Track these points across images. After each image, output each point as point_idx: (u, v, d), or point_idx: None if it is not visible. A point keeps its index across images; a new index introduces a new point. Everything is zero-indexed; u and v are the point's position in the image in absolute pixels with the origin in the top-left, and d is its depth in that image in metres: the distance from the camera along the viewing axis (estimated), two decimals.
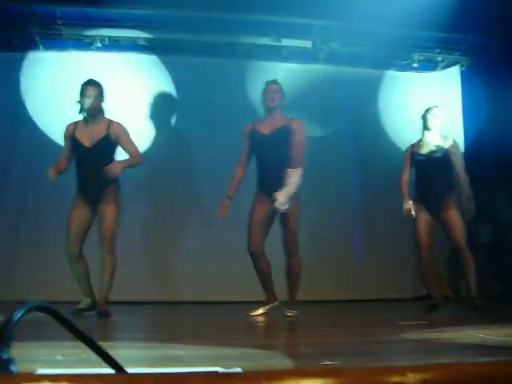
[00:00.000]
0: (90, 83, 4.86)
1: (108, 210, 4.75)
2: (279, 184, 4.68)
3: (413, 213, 5.33)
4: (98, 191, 4.76)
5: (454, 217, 5.36)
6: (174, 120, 6.91)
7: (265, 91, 5.03)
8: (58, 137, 5.33)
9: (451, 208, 5.37)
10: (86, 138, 4.81)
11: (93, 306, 4.81)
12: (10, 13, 6.38)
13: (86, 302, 4.83)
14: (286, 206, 4.70)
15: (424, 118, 5.51)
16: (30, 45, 6.67)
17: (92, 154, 4.77)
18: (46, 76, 6.66)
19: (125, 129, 4.91)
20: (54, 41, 6.72)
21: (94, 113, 4.84)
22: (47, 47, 6.75)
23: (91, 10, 6.49)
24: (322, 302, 6.49)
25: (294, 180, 4.73)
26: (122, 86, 6.68)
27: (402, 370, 0.68)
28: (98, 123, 4.86)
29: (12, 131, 6.52)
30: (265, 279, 4.99)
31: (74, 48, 6.79)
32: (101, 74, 6.64)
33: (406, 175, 5.57)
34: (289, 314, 4.86)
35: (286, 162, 4.77)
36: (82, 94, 4.83)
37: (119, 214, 4.82)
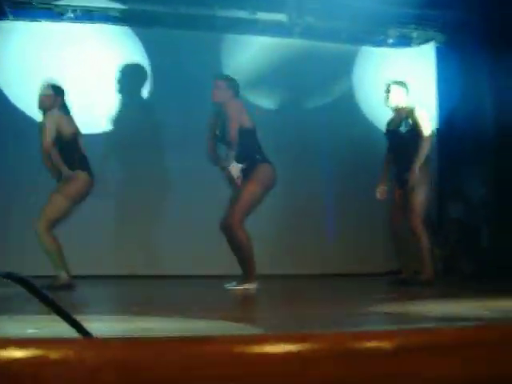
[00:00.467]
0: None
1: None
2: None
3: (379, 196, 5.39)
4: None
5: (414, 196, 5.35)
6: (146, 93, 6.82)
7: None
8: (28, 109, 5.24)
9: (414, 187, 5.34)
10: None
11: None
12: None
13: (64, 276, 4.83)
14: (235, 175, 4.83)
15: (385, 95, 5.56)
16: None
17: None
18: (15, 47, 6.50)
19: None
20: (24, 10, 6.54)
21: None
22: (17, 17, 6.57)
23: None
24: (293, 276, 6.52)
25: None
26: (93, 58, 6.58)
27: (377, 335, 0.67)
28: None
29: None
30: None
31: (44, 18, 6.62)
32: (72, 45, 6.56)
33: (388, 155, 5.61)
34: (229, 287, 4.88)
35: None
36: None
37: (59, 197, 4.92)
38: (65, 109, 5.10)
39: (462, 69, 7.03)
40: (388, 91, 5.55)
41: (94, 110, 6.44)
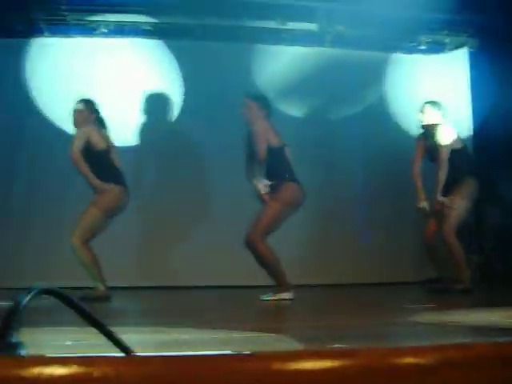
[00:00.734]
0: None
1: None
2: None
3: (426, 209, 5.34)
4: None
5: (450, 209, 5.31)
6: (178, 104, 6.87)
7: None
8: (63, 122, 5.33)
9: (453, 199, 5.32)
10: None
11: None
12: None
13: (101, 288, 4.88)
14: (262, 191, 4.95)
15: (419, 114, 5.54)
16: (34, 31, 6.64)
17: None
18: (50, 62, 6.63)
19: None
20: (59, 26, 6.68)
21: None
22: (52, 33, 6.71)
23: None
24: (327, 285, 6.49)
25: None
26: (127, 71, 6.66)
27: (416, 351, 0.67)
28: None
29: (17, 118, 6.52)
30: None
31: (78, 33, 6.75)
32: (106, 59, 6.66)
33: (419, 165, 5.56)
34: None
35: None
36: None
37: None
38: (100, 123, 5.17)
39: (496, 73, 6.94)
40: (422, 111, 5.52)
41: (126, 123, 6.53)
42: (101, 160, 5.03)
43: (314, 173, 6.94)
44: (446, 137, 5.43)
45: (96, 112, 5.17)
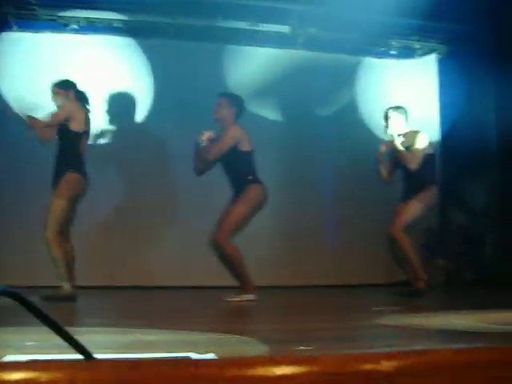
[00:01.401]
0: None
1: (51, 201, 4.85)
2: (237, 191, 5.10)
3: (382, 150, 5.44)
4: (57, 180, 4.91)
5: (406, 207, 5.40)
6: (148, 103, 6.83)
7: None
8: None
9: (414, 199, 5.41)
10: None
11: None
12: None
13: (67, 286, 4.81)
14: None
15: (385, 118, 5.58)
16: (3, 25, 6.52)
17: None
18: (20, 57, 6.53)
19: None
20: (29, 21, 6.57)
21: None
22: (21, 28, 6.60)
23: None
24: (294, 287, 6.50)
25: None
26: (97, 69, 6.59)
27: (377, 358, 0.66)
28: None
29: None
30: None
31: (49, 29, 6.65)
32: (76, 56, 6.58)
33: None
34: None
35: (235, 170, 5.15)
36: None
37: (59, 205, 4.86)
38: (82, 98, 5.11)
39: (465, 80, 7.03)
40: (387, 118, 5.55)
41: (94, 121, 6.46)
42: (74, 143, 4.94)
43: (283, 174, 6.96)
44: (422, 141, 5.51)
45: (73, 87, 5.09)
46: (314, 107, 7.20)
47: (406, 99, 6.21)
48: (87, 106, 5.12)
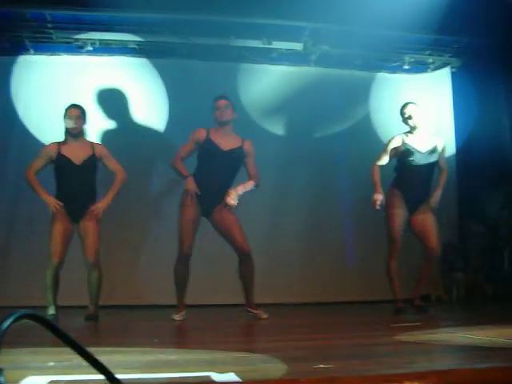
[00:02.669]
0: (73, 106, 5.14)
1: (91, 227, 4.99)
2: (218, 199, 5.01)
3: (378, 207, 5.29)
4: (82, 207, 5.00)
5: (431, 222, 5.31)
6: (163, 123, 6.87)
7: (215, 105, 5.20)
8: (49, 141, 5.30)
9: (429, 212, 5.32)
10: (75, 157, 5.05)
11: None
12: (0, 17, 6.34)
13: (52, 309, 4.87)
14: (235, 203, 4.98)
15: (403, 113, 5.46)
16: (20, 48, 6.64)
17: (79, 171, 5.04)
18: (36, 80, 6.62)
19: (107, 149, 5.28)
20: (45, 44, 6.68)
21: (76, 133, 5.10)
22: (37, 51, 6.71)
23: (81, 14, 6.46)
24: (311, 304, 6.48)
25: (247, 186, 5.13)
26: (112, 89, 6.67)
27: (398, 378, 0.67)
28: (82, 144, 5.14)
29: (2, 136, 6.49)
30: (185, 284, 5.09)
31: (64, 51, 6.76)
32: (91, 77, 6.67)
33: (383, 163, 5.51)
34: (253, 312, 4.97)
35: (230, 181, 5.10)
36: (66, 115, 5.10)
37: (100, 228, 5.06)
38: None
39: (478, 93, 7.02)
40: (406, 112, 5.45)
41: (109, 142, 6.54)
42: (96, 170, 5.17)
43: (299, 191, 6.96)
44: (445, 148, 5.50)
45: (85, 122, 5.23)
46: (327, 124, 7.20)
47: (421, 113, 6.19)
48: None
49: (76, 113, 5.07)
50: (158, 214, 6.71)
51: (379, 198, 5.29)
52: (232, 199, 4.95)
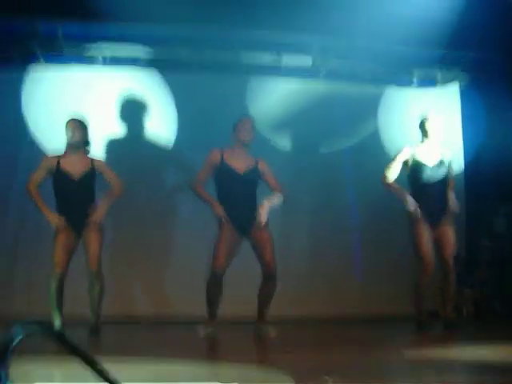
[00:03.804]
0: (72, 119, 5.24)
1: (94, 237, 5.05)
2: (250, 219, 5.06)
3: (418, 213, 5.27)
4: (83, 219, 5.06)
5: (450, 235, 5.31)
6: (174, 137, 6.89)
7: (240, 125, 5.25)
8: (58, 152, 5.33)
9: (449, 224, 5.33)
10: (74, 170, 5.13)
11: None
12: (12, 29, 6.39)
13: (57, 320, 4.89)
14: (265, 220, 5.04)
15: (422, 125, 5.50)
16: (30, 61, 6.68)
17: (79, 185, 5.11)
18: (46, 92, 6.66)
19: (106, 164, 5.40)
20: (56, 57, 6.73)
21: (75, 146, 5.19)
22: (48, 63, 6.75)
23: (93, 27, 6.51)
24: (319, 318, 6.44)
25: (273, 200, 5.19)
26: (123, 102, 6.71)
27: None
28: (81, 157, 5.22)
29: (13, 148, 6.52)
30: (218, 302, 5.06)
31: (75, 63, 6.79)
32: (102, 89, 6.70)
33: (394, 177, 5.51)
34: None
35: (254, 200, 5.15)
36: (65, 128, 5.20)
37: (103, 239, 5.14)
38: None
39: (488, 108, 7.01)
40: (424, 123, 5.47)
41: (120, 154, 6.56)
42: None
43: (307, 206, 6.96)
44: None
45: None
46: (336, 138, 7.20)
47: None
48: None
49: (74, 125, 5.15)
50: (163, 225, 6.73)
51: (410, 199, 5.32)
52: (263, 218, 5.01)
